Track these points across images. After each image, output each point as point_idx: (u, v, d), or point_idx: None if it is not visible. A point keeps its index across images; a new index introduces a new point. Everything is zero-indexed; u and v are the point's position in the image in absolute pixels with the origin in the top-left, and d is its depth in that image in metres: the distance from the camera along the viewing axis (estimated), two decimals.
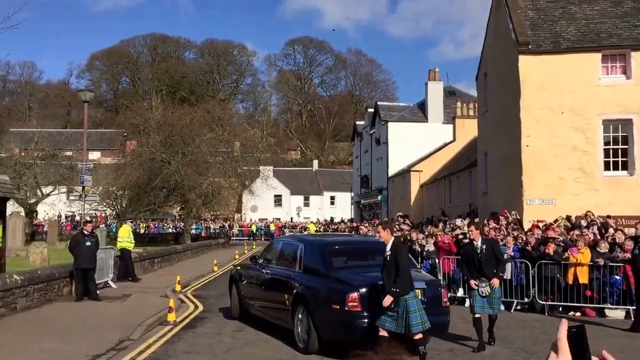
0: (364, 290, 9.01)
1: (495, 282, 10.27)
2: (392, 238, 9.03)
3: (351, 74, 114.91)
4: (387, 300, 8.38)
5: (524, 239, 16.53)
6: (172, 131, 42.01)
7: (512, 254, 15.52)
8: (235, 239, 57.10)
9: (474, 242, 10.62)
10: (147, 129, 45.16)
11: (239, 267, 13.77)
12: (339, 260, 10.32)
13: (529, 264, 14.95)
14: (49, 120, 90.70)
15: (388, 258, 8.68)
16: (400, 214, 36.33)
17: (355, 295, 8.93)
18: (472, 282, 10.31)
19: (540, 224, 18.81)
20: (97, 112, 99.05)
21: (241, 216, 70.85)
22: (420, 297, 8.84)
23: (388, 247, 8.84)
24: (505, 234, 17.88)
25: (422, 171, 42.17)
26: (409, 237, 19.74)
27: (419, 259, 17.12)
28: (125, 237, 20.47)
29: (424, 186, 41.82)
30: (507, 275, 14.66)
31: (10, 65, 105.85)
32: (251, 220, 68.24)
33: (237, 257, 32.25)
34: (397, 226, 26.85)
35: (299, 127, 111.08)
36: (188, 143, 41.25)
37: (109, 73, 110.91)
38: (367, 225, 34.34)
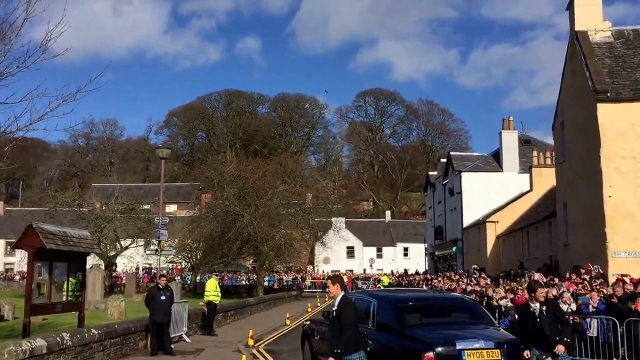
0: (440, 349, 8.65)
1: (561, 348, 9.14)
2: (341, 294, 8.39)
3: (423, 124, 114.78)
4: None
5: (607, 292, 15.42)
6: (246, 184, 42.45)
7: (595, 306, 14.43)
8: (308, 291, 56.53)
9: (530, 303, 9.64)
10: (222, 182, 45.83)
11: (310, 322, 13.51)
12: (413, 317, 9.94)
13: (616, 321, 13.82)
14: (128, 174, 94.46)
15: (334, 314, 8.21)
16: (475, 266, 35.04)
17: (431, 355, 8.59)
18: (526, 352, 9.33)
19: (626, 278, 17.56)
20: (174, 166, 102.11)
21: (313, 268, 70.33)
22: (500, 357, 8.39)
23: (336, 303, 8.35)
24: (589, 288, 16.74)
25: (498, 222, 40.70)
26: (485, 292, 18.86)
27: (497, 314, 16.31)
28: (212, 290, 20.61)
29: (501, 237, 40.28)
30: (594, 332, 13.56)
31: (94, 123, 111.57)
32: (323, 272, 67.63)
33: (309, 310, 31.87)
34: (474, 279, 25.81)
35: (370, 178, 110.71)
36: (261, 195, 41.53)
37: (186, 128, 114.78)
38: (440, 278, 33.17)
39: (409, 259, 77.50)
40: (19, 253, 50.85)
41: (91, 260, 33.26)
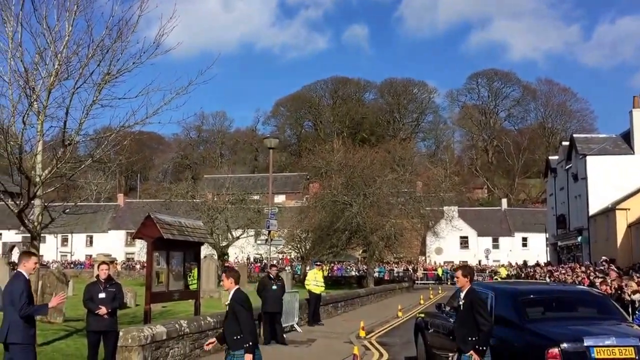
0: (565, 345, 8.02)
1: (475, 358, 7.84)
2: (235, 288, 7.78)
3: (542, 105, 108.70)
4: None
5: None
6: (354, 173, 42.07)
7: None
8: (420, 283, 55.46)
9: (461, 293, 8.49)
10: (329, 171, 45.69)
11: (424, 315, 13.09)
12: (535, 311, 9.40)
13: None
14: (238, 166, 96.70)
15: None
16: (605, 258, 32.47)
17: (555, 351, 7.98)
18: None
19: None
20: (282, 156, 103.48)
21: (425, 259, 68.84)
22: (634, 356, 7.83)
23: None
24: None
25: (629, 209, 37.64)
26: (616, 286, 17.21)
27: (629, 310, 15.17)
28: (312, 280, 20.40)
29: (633, 226, 37.22)
30: None
31: (204, 116, 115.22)
32: (436, 263, 66.03)
33: (422, 302, 31.30)
34: (602, 271, 23.66)
35: (484, 164, 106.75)
36: (369, 184, 40.99)
37: (293, 118, 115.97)
38: (564, 270, 30.93)
39: (528, 249, 73.94)
40: (138, 243, 53.16)
41: (204, 251, 33.84)
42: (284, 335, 15.65)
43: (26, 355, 7.61)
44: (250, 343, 7.40)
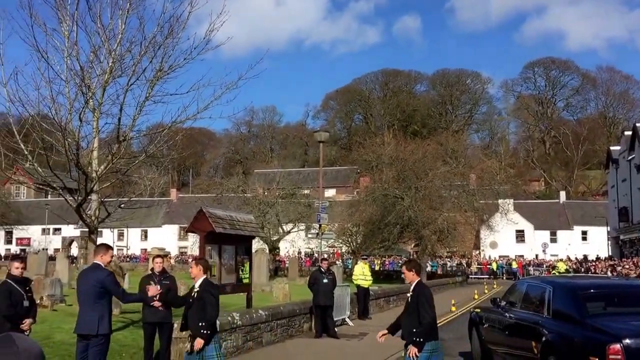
0: (628, 341, 7.75)
1: (411, 350, 7.45)
2: (203, 277, 8.01)
3: (602, 94, 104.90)
4: (198, 343, 7.52)
5: None
6: (405, 166, 41.68)
7: None
8: (474, 278, 54.67)
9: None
10: (380, 164, 45.41)
11: (478, 310, 12.90)
12: (595, 306, 9.14)
13: None
14: (288, 160, 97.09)
15: (195, 296, 7.87)
16: None
17: (617, 347, 7.72)
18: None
19: None
20: (332, 150, 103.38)
21: (479, 253, 67.76)
22: None
23: (196, 286, 7.95)
24: None
25: None
26: None
27: None
28: (360, 274, 20.34)
29: None
30: None
31: (254, 111, 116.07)
32: (490, 258, 64.91)
33: (476, 297, 30.91)
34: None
35: (541, 156, 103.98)
36: (421, 177, 40.53)
37: (343, 111, 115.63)
38: (627, 264, 29.95)
39: (588, 243, 71.77)
40: (191, 237, 54.04)
41: (256, 245, 34.15)
42: (336, 329, 15.66)
43: (107, 346, 7.85)
44: (209, 331, 7.64)
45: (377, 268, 55.01)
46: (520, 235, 73.17)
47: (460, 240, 46.28)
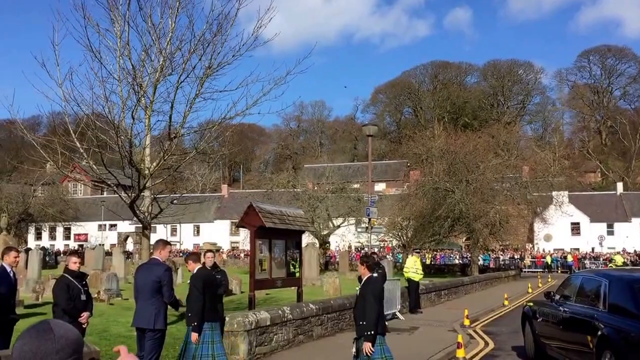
0: None
1: (365, 346, 7.54)
2: (198, 266, 8.70)
3: None
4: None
5: None
6: (455, 159, 41.26)
7: None
8: (528, 271, 53.72)
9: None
10: (430, 157, 45.02)
11: (532, 304, 12.73)
12: None
13: None
14: (337, 154, 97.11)
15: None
16: None
17: None
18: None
19: None
20: (381, 144, 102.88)
21: (533, 246, 66.43)
22: None
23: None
24: None
25: None
26: None
27: None
28: (411, 267, 20.29)
29: None
30: None
31: (303, 106, 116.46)
32: (544, 251, 63.58)
33: (530, 291, 30.48)
34: None
35: (597, 147, 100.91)
36: (472, 170, 40.05)
37: (392, 105, 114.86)
38: None
39: None
40: (242, 232, 54.76)
41: (306, 239, 34.32)
42: (386, 323, 15.59)
43: (162, 339, 8.05)
44: (196, 323, 8.00)
45: (427, 262, 54.60)
46: (575, 228, 71.27)
47: (513, 233, 45.50)
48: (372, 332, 7.58)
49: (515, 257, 58.53)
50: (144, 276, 8.05)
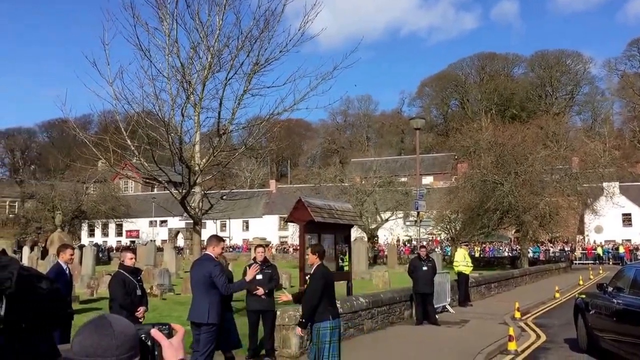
0: None
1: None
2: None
3: None
4: None
5: None
6: (504, 151, 40.76)
7: None
8: (578, 263, 52.61)
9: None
10: (478, 150, 44.55)
11: (584, 296, 12.54)
12: None
13: None
14: (384, 148, 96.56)
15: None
16: None
17: None
18: None
19: None
20: (428, 137, 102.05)
21: (584, 238, 64.95)
22: None
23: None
24: None
25: None
26: None
27: None
28: (461, 260, 20.17)
29: None
30: None
31: (350, 100, 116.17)
32: (595, 243, 62.11)
33: (581, 283, 30.03)
34: None
35: None
36: (521, 162, 39.51)
37: (439, 98, 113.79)
38: None
39: None
40: (291, 227, 55.12)
41: (354, 233, 34.35)
42: (436, 316, 15.64)
43: (216, 333, 8.22)
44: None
45: (476, 255, 54.00)
46: (627, 219, 69.33)
47: (563, 225, 44.63)
48: (305, 320, 7.83)
49: (566, 249, 57.44)
50: (198, 272, 8.21)
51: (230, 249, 72.26)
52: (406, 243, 63.75)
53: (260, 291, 10.30)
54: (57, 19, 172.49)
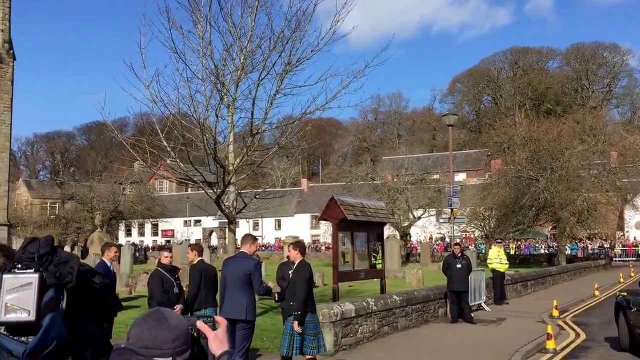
0: None
1: (295, 324, 8.18)
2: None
3: None
4: None
5: None
6: (539, 147, 40.24)
7: None
8: (619, 260, 51.72)
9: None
10: (512, 146, 44.10)
11: (626, 293, 12.31)
12: None
13: None
14: (416, 146, 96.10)
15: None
16: None
17: None
18: None
19: None
20: (461, 134, 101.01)
21: (624, 234, 63.66)
22: None
23: None
24: None
25: None
26: None
27: None
28: (495, 258, 20.02)
29: None
30: None
31: (381, 98, 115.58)
32: (636, 239, 60.84)
33: (622, 280, 29.48)
34: None
35: None
36: (557, 158, 38.91)
37: (471, 94, 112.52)
38: None
39: None
40: (323, 226, 55.23)
41: (387, 231, 34.28)
42: (472, 315, 15.54)
43: (253, 331, 8.35)
44: (299, 312, 8.16)
45: (512, 252, 53.39)
46: None
47: (601, 221, 43.74)
48: (300, 313, 8.09)
49: (605, 246, 56.37)
50: (235, 269, 8.31)
51: (263, 248, 72.67)
52: (439, 241, 63.36)
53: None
54: (95, 25, 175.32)
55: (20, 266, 2.02)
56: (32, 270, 2.00)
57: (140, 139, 15.32)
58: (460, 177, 78.44)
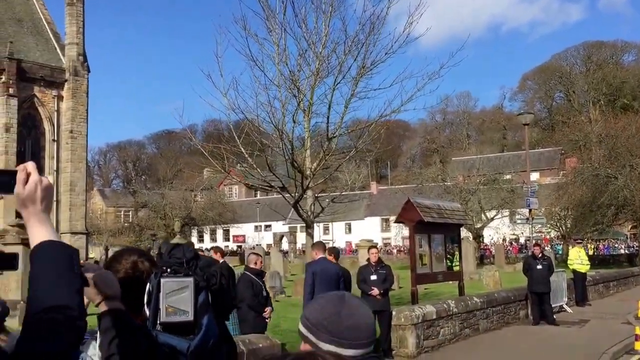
0: None
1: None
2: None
3: None
4: None
5: None
6: (616, 143, 39.04)
7: None
8: None
9: None
10: (588, 143, 42.89)
11: None
12: None
13: None
14: (486, 145, 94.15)
15: None
16: None
17: None
18: None
19: None
20: (533, 132, 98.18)
21: None
22: None
23: None
24: None
25: None
26: None
27: None
28: (575, 258, 19.68)
29: None
30: None
31: (449, 98, 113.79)
32: None
33: None
34: None
35: None
36: (636, 154, 37.67)
37: (542, 91, 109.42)
38: None
39: None
40: (393, 228, 55.01)
41: (461, 233, 33.88)
42: (554, 316, 15.26)
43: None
44: None
45: (590, 252, 51.70)
46: None
47: None
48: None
49: None
50: (326, 272, 8.49)
51: None
52: (513, 242, 61.97)
53: (375, 292, 10.43)
54: (174, 36, 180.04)
55: (169, 270, 2.17)
56: (182, 275, 2.17)
57: (217, 146, 15.71)
58: (534, 176, 76.42)
